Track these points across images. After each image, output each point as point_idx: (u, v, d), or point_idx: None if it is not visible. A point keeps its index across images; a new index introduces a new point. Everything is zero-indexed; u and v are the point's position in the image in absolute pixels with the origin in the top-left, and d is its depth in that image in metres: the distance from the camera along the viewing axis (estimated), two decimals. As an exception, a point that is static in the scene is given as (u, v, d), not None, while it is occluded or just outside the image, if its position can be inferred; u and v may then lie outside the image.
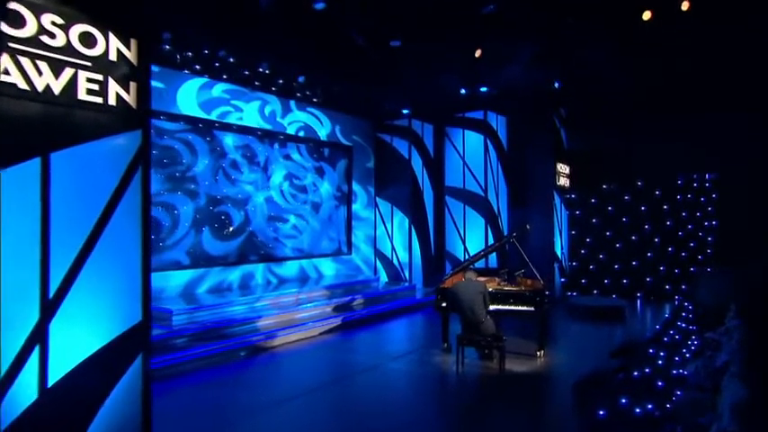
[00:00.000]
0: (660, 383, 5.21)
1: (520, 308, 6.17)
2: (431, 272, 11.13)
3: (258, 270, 9.76)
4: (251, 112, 9.58)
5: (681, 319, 8.27)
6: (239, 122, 9.32)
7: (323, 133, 11.09)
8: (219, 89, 9.02)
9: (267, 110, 9.91)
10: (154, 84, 7.66)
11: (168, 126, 8.43)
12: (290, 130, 10.37)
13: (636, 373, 4.93)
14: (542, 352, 6.20)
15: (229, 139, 9.44)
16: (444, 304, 6.45)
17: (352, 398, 5.13)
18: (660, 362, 5.78)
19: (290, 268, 10.40)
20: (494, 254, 10.49)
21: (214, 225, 9.11)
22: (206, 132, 9.01)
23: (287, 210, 10.46)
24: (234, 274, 9.30)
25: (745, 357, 4.33)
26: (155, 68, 7.86)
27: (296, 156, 10.74)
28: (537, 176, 10.50)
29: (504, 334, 6.05)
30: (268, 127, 9.91)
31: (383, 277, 12.08)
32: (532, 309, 6.06)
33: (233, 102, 9.25)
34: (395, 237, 11.86)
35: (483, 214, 10.77)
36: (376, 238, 12.22)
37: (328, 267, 11.26)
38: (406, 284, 11.15)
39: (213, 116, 8.89)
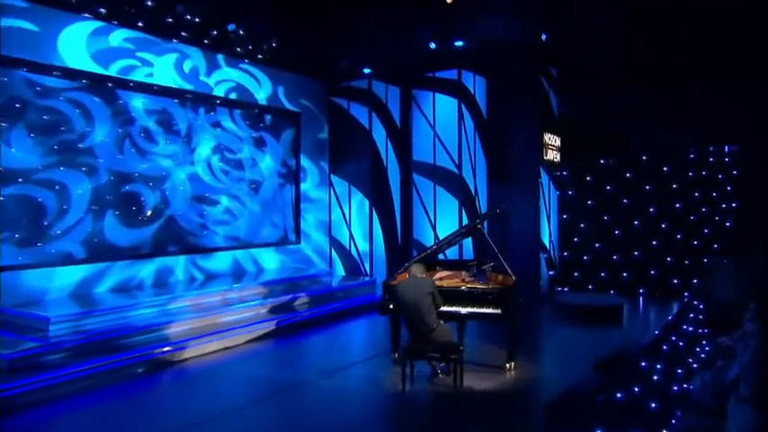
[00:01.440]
0: (653, 405, 4.85)
1: (483, 310, 5.74)
2: (396, 264, 10.68)
3: (179, 264, 9.24)
4: (164, 67, 8.89)
5: (687, 320, 8.00)
6: (148, 81, 8.64)
7: (261, 96, 10.51)
8: (119, 37, 8.29)
9: (187, 65, 9.24)
10: (20, 24, 6.94)
11: (51, 83, 7.71)
12: (219, 92, 9.74)
13: (620, 395, 4.53)
14: (512, 364, 5.88)
15: (138, 102, 8.75)
16: (393, 306, 5.99)
17: (262, 428, 4.68)
18: (656, 377, 5.43)
19: (220, 261, 9.90)
20: (471, 244, 10.06)
21: (120, 209, 8.49)
22: (106, 92, 8.31)
23: (217, 189, 9.94)
24: (146, 270, 8.74)
25: (758, 373, 3.98)
26: (22, 3, 7.12)
27: (228, 124, 10.14)
28: (521, 150, 10.08)
29: (468, 341, 5.83)
30: (188, 87, 9.25)
31: (339, 271, 11.71)
32: (498, 312, 5.60)
33: (139, 54, 8.54)
34: (353, 222, 11.51)
35: (457, 195, 10.42)
36: (331, 223, 11.77)
37: (271, 259, 10.79)
38: (366, 279, 10.73)
39: (112, 71, 8.18)
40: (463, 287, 6.04)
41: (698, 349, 7.30)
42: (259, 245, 10.62)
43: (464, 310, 5.85)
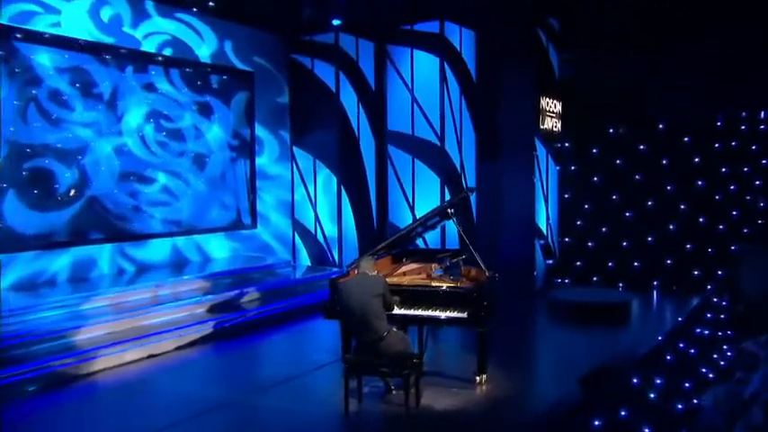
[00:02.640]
0: (646, 430, 4.54)
1: (445, 314, 5.37)
2: (370, 251, 10.42)
3: (103, 254, 8.85)
4: (75, 15, 8.33)
5: (703, 322, 7.71)
6: (54, 31, 8.09)
7: (204, 53, 10.00)
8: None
9: (105, 14, 8.68)
10: None
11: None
12: (149, 47, 9.21)
13: (598, 421, 4.18)
14: (483, 377, 5.63)
15: (45, 58, 8.21)
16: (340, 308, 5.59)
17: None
18: (654, 394, 5.13)
19: (157, 250, 9.54)
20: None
21: (25, 189, 8.02)
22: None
23: (152, 165, 9.52)
24: (60, 262, 8.34)
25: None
26: None
27: (164, 86, 9.66)
28: (514, 118, 9.70)
29: (435, 347, 5.46)
30: (108, 40, 8.72)
31: (305, 260, 11.36)
32: (463, 315, 5.23)
33: (42, -2, 8.00)
34: (319, 203, 11.15)
35: (439, 171, 10.09)
36: (294, 204, 11.42)
37: (220, 247, 10.45)
38: (335, 270, 10.36)
39: (2, 19, 7.62)
40: (426, 285, 5.64)
41: (715, 356, 6.97)
42: (205, 230, 10.25)
43: (424, 314, 5.47)
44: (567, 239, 10.73)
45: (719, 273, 9.70)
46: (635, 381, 5.19)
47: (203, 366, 6.73)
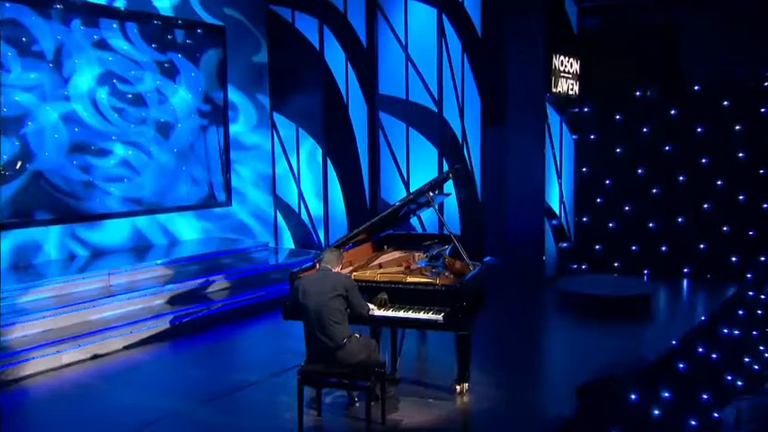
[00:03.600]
0: None
1: (418, 316, 5.11)
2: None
3: (50, 237, 8.65)
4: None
5: (734, 319, 7.43)
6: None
7: (165, 4, 9.67)
8: None
9: (45, -42, 8.37)
10: None
11: None
12: (99, -3, 8.93)
13: None
14: (465, 386, 5.48)
15: (-30, 10, 7.93)
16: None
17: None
18: (662, 408, 4.88)
19: (114, 232, 9.35)
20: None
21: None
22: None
23: (107, 135, 9.27)
24: (-1, 246, 8.16)
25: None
26: None
27: (120, 42, 9.34)
28: (524, 79, 9.37)
29: (411, 348, 5.68)
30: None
31: (288, 242, 11.18)
32: (438, 318, 4.99)
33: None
34: (303, 177, 11.00)
35: (436, 141, 9.89)
36: (275, 178, 11.22)
37: (189, 228, 10.27)
38: (318, 252, 10.15)
39: None
40: (397, 281, 5.36)
41: (747, 360, 6.71)
42: (172, 208, 10.04)
43: (393, 316, 5.19)
44: (584, 219, 10.38)
45: (761, 259, 9.39)
46: (643, 390, 4.98)
47: (150, 370, 6.52)
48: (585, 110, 10.29)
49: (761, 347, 7.13)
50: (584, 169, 10.37)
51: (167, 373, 6.43)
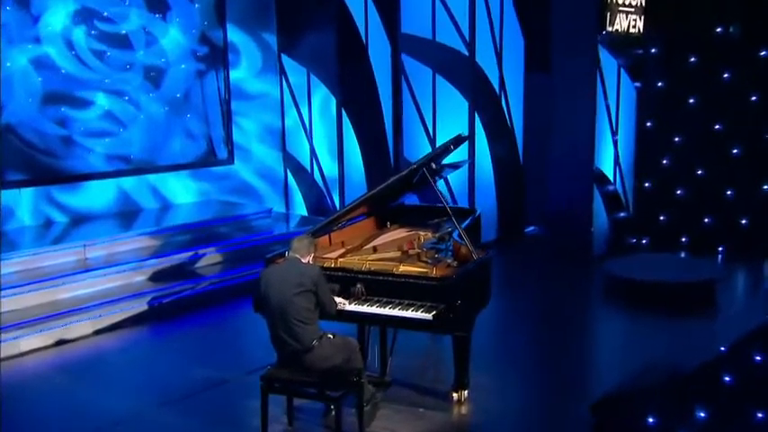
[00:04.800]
0: None
1: (404, 313, 4.97)
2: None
3: (24, 201, 8.76)
4: None
5: None
6: None
7: (147, -77, 9.55)
8: None
9: None
10: None
11: None
12: None
13: None
14: (463, 394, 5.42)
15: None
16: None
17: None
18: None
19: (97, 195, 9.41)
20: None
21: None
22: None
23: (87, 83, 9.24)
24: (-37, 211, 8.31)
25: None
26: None
27: (98, -28, 9.23)
28: (573, 15, 9.23)
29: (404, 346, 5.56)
30: None
31: (300, 208, 11.18)
32: (428, 318, 4.86)
33: None
34: (315, 131, 10.89)
35: (467, 91, 9.68)
36: (285, 132, 11.16)
37: (184, 190, 10.30)
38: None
39: None
40: (387, 272, 5.14)
41: None
42: (164, 167, 10.05)
43: (378, 312, 5.04)
44: (645, 185, 10.04)
45: None
46: (671, 409, 4.84)
47: (115, 361, 6.57)
48: (652, 51, 9.84)
49: None
50: (647, 124, 9.95)
51: (133, 367, 6.45)
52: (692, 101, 9.69)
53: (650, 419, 4.68)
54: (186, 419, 5.34)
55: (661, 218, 9.94)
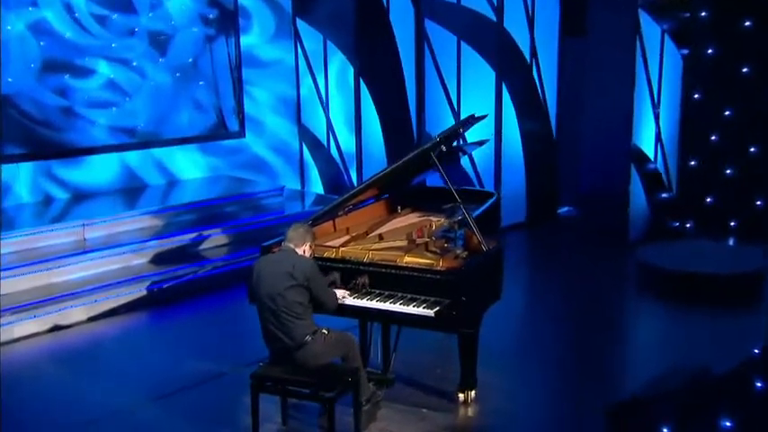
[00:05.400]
0: None
1: (405, 309, 4.93)
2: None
3: (22, 176, 8.88)
4: None
5: None
6: None
7: None
8: None
9: None
10: None
11: None
12: None
13: None
14: (470, 395, 5.41)
15: None
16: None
17: None
18: None
19: (100, 170, 9.53)
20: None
21: None
22: None
23: (88, 49, 9.32)
24: (-43, 188, 8.41)
25: None
26: None
27: (96, -70, 9.23)
28: None
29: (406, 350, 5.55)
30: None
31: (316, 185, 11.22)
32: (430, 315, 4.85)
33: None
34: (332, 103, 10.86)
35: (494, 60, 9.57)
36: (300, 102, 11.16)
37: (193, 165, 10.40)
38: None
39: None
40: (390, 263, 5.12)
41: None
42: (171, 141, 10.12)
43: (378, 307, 5.02)
44: (691, 163, 9.78)
45: None
46: (692, 417, 4.78)
47: (108, 351, 6.65)
48: (701, 14, 9.56)
49: None
50: (695, 96, 9.65)
51: (127, 357, 6.52)
52: (745, 70, 9.39)
53: (665, 430, 4.62)
54: (176, 416, 5.40)
55: (707, 200, 9.68)
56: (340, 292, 4.97)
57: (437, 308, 4.84)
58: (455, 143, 6.00)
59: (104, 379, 6.08)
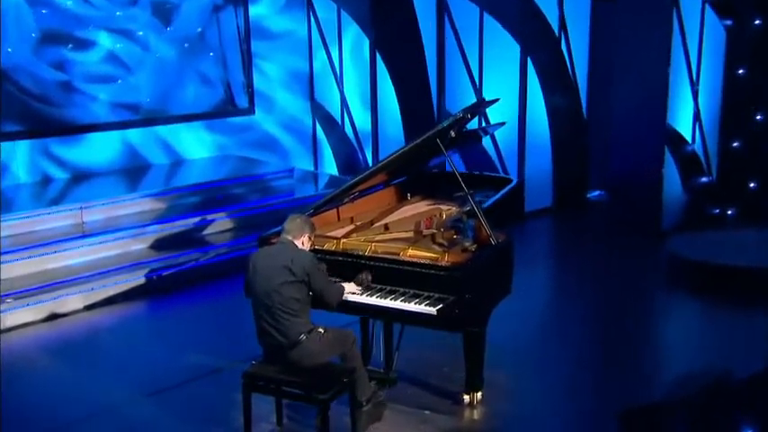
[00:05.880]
0: None
1: (405, 306, 4.93)
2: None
3: (19, 154, 9.05)
4: None
5: None
6: None
7: None
8: None
9: None
10: None
11: None
12: None
13: None
14: (476, 397, 5.42)
15: None
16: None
17: None
18: None
19: (100, 149, 9.68)
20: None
21: None
22: None
23: (88, 20, 9.43)
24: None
25: None
26: None
27: None
28: None
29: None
30: None
31: (330, 166, 11.32)
32: (431, 312, 4.87)
33: None
34: (346, 77, 10.90)
35: (519, 32, 9.60)
36: (313, 77, 11.22)
37: (199, 144, 10.53)
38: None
39: None
40: (409, 255, 5.12)
41: None
42: (176, 118, 10.24)
43: (378, 304, 5.04)
44: (734, 144, 9.73)
45: None
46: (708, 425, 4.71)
47: (103, 343, 6.74)
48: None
49: None
50: (738, 71, 9.60)
51: (123, 349, 6.60)
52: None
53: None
54: (169, 414, 5.46)
55: (751, 185, 9.67)
56: (349, 287, 4.99)
57: (440, 305, 4.83)
58: (466, 128, 5.96)
59: (98, 373, 6.17)
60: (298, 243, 4.80)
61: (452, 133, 5.66)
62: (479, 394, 5.39)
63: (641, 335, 7.02)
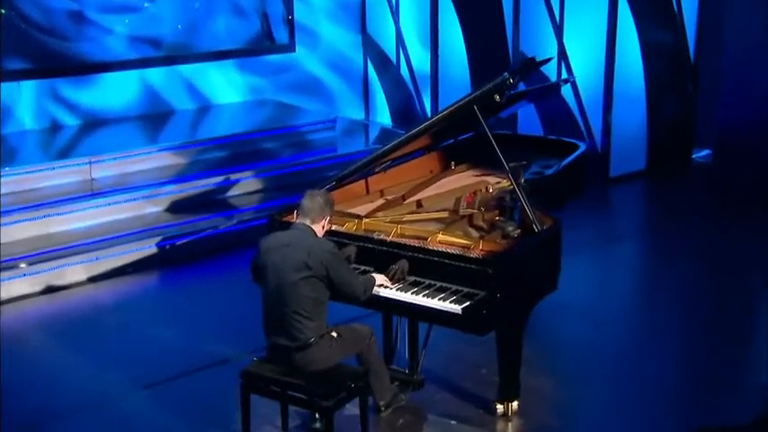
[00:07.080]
0: None
1: (428, 302, 4.93)
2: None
3: (24, 96, 9.31)
4: None
5: None
6: None
7: None
8: None
9: None
10: None
11: None
12: None
13: None
14: (511, 407, 5.46)
15: None
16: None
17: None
18: None
19: (116, 91, 9.92)
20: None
21: None
22: None
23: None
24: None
25: None
26: None
27: None
28: None
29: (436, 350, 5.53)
30: None
31: (383, 112, 11.42)
32: (456, 310, 4.86)
33: None
34: (403, 9, 11.02)
35: None
36: (365, 9, 11.22)
37: (230, 86, 10.67)
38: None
39: None
40: (436, 245, 5.12)
41: None
42: (204, 55, 10.39)
43: (401, 298, 5.00)
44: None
45: None
46: None
47: (104, 325, 6.89)
48: None
49: None
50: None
51: (126, 331, 6.75)
52: None
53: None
54: (166, 409, 5.61)
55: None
56: (380, 278, 4.98)
57: (467, 302, 4.80)
58: (512, 91, 5.93)
59: (96, 357, 6.33)
60: (316, 228, 4.79)
61: (498, 98, 5.58)
62: (515, 404, 5.42)
63: (737, 337, 6.87)
